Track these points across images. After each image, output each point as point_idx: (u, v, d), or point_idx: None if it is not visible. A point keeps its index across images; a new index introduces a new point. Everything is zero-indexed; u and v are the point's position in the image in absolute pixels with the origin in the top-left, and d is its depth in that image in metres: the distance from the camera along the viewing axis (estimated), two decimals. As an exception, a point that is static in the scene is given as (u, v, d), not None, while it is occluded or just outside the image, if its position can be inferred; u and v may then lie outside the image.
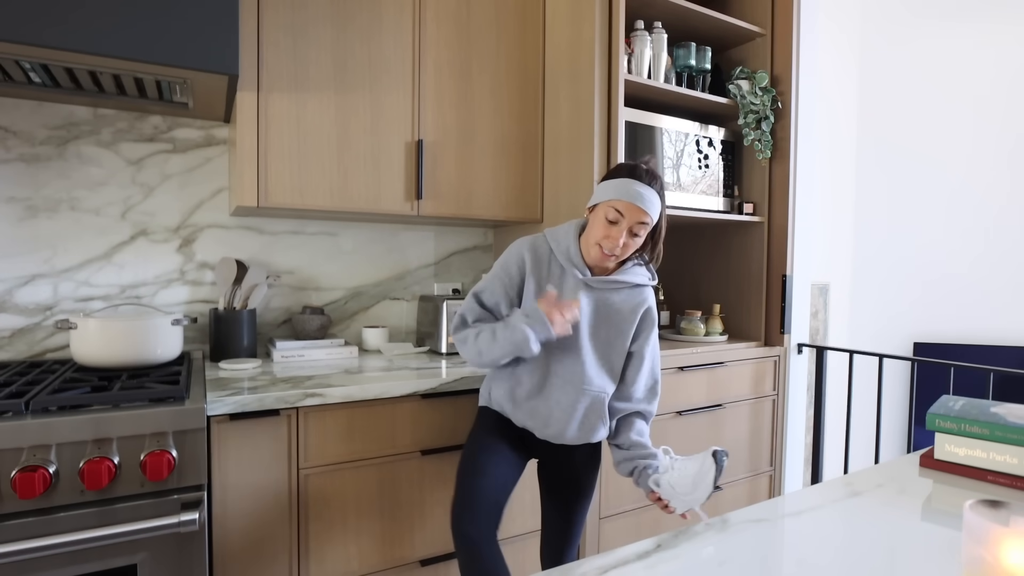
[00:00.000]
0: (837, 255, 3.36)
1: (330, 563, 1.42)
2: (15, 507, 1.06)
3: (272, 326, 1.94)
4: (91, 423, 1.11)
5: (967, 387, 3.19)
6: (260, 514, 1.34)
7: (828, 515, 0.82)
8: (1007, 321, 3.26)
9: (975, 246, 3.30)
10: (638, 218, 1.25)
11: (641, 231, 1.27)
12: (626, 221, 1.25)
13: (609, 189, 1.27)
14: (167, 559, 1.17)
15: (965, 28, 3.29)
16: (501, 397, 1.38)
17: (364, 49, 1.70)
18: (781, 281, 2.14)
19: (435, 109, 1.81)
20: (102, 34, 1.23)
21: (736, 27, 2.10)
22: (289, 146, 1.61)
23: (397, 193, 1.76)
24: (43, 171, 1.63)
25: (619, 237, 1.25)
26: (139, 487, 1.15)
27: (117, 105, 1.66)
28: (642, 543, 0.73)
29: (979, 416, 0.96)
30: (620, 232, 1.25)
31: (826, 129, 3.24)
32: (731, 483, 2.10)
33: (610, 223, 1.26)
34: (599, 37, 1.78)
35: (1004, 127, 3.25)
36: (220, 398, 1.27)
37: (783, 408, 2.22)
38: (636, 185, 1.25)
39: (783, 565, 0.68)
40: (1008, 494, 0.89)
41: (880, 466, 1.02)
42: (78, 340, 1.41)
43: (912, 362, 2.12)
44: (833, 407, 3.14)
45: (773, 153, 2.16)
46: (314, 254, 1.99)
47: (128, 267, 1.73)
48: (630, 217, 1.25)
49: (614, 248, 1.26)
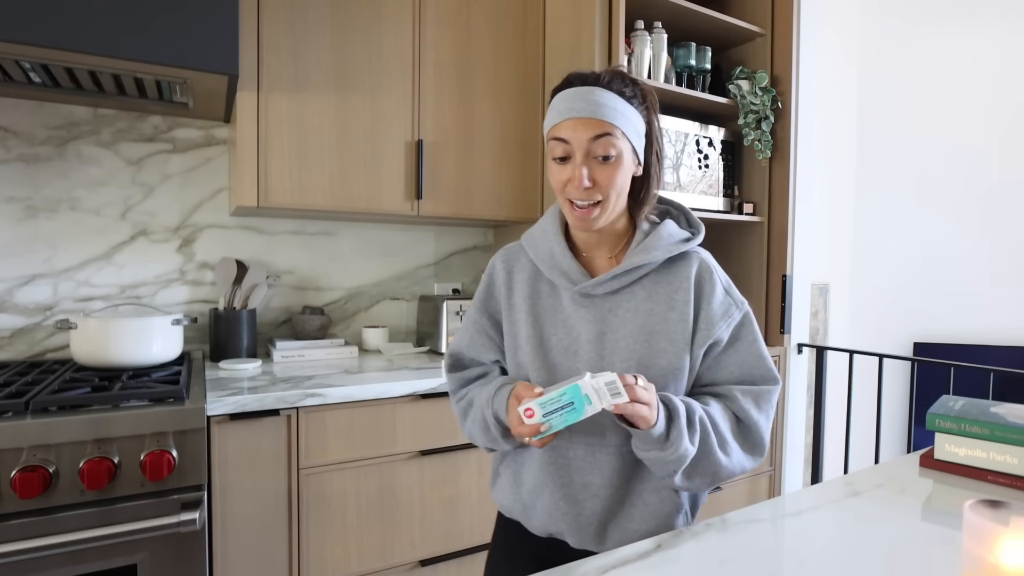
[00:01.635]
0: (837, 255, 3.36)
1: (330, 563, 1.42)
2: (15, 507, 1.06)
3: (272, 326, 1.94)
4: (91, 423, 1.11)
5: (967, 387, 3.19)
6: (260, 514, 1.34)
7: (828, 515, 0.82)
8: (1007, 321, 3.26)
9: (975, 246, 3.30)
10: (591, 132, 0.81)
11: (610, 151, 0.82)
12: (577, 147, 0.82)
13: (546, 123, 0.88)
14: (167, 559, 1.17)
15: (967, 28, 3.29)
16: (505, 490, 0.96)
17: (364, 49, 1.69)
18: (781, 281, 2.14)
19: (435, 109, 1.81)
20: (102, 34, 1.23)
21: (736, 27, 2.10)
22: (289, 146, 1.61)
23: (397, 193, 1.76)
24: (43, 171, 1.62)
25: (579, 174, 0.82)
26: (139, 487, 1.15)
27: (117, 105, 1.66)
28: (642, 543, 0.73)
29: (979, 416, 0.96)
30: (577, 167, 0.82)
31: (826, 129, 3.23)
32: (731, 483, 2.10)
33: (560, 163, 0.85)
34: (599, 37, 1.78)
35: (1005, 127, 3.25)
36: (220, 398, 1.27)
37: (783, 408, 2.22)
38: (569, 94, 0.84)
39: (783, 565, 0.68)
40: (1008, 494, 0.89)
41: (880, 466, 1.02)
42: (78, 340, 1.41)
43: (912, 362, 2.12)
44: (833, 407, 3.14)
45: (773, 153, 2.16)
46: (314, 254, 1.99)
47: (128, 267, 1.73)
48: (578, 137, 0.82)
49: (584, 195, 0.83)
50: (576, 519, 0.87)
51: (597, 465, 0.86)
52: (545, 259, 0.91)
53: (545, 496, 0.89)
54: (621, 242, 0.92)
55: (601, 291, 0.87)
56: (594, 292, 0.87)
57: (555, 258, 0.90)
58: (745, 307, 0.90)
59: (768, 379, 0.89)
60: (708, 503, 2.03)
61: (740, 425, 0.86)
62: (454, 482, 1.57)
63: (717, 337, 0.87)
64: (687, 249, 0.89)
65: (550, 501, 0.88)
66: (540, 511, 0.90)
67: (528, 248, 0.95)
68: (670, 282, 0.88)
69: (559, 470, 0.88)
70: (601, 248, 0.92)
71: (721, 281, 0.89)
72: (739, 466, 0.85)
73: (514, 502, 0.93)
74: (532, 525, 0.92)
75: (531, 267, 0.94)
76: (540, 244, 0.93)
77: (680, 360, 0.85)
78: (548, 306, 0.91)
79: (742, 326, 0.89)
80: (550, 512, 0.88)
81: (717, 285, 0.88)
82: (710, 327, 0.86)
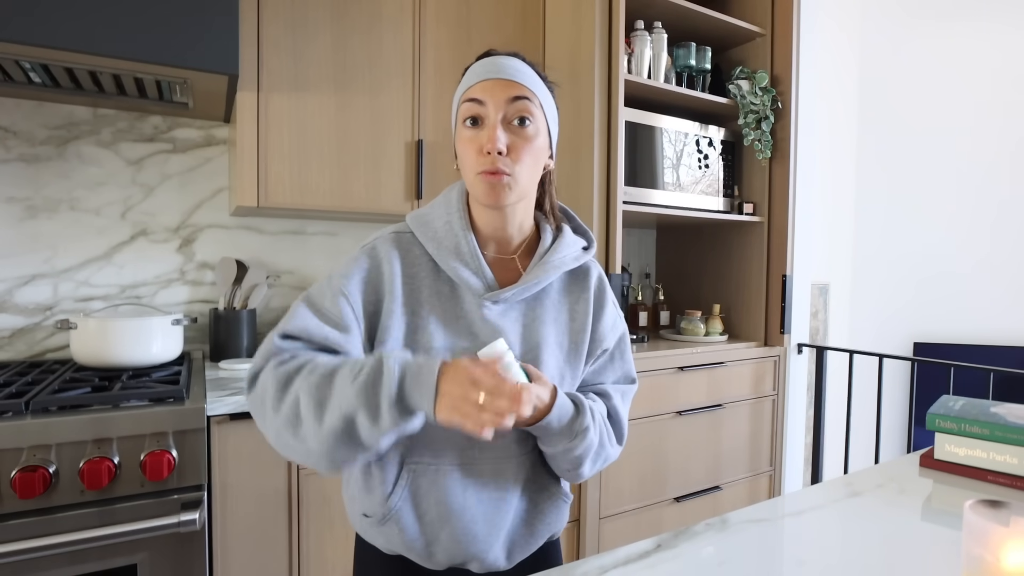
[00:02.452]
0: (837, 255, 3.36)
1: (330, 563, 1.42)
2: (15, 507, 1.06)
3: (272, 326, 1.93)
4: (91, 423, 1.11)
5: (967, 387, 3.19)
6: (260, 514, 1.34)
7: (828, 515, 0.82)
8: (1007, 321, 3.26)
9: (975, 246, 3.30)
10: (508, 93, 0.76)
11: (527, 113, 0.77)
12: (493, 108, 0.76)
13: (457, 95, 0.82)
14: (167, 559, 1.17)
15: (966, 27, 3.29)
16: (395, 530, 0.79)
17: (364, 49, 1.69)
18: (781, 281, 2.14)
19: (435, 109, 1.81)
20: (102, 34, 1.23)
21: (736, 27, 2.10)
22: (289, 146, 1.61)
23: (397, 193, 1.76)
24: (43, 171, 1.62)
25: (494, 135, 0.75)
26: (139, 487, 1.15)
27: (117, 105, 1.66)
28: (642, 543, 0.73)
29: (979, 416, 0.96)
30: (492, 127, 0.76)
31: (826, 129, 3.23)
32: (731, 483, 2.10)
33: (473, 125, 0.78)
34: (599, 37, 1.78)
35: (1005, 127, 3.25)
36: (220, 398, 1.27)
37: (783, 408, 2.22)
38: (485, 61, 0.80)
39: (783, 565, 0.68)
40: (1008, 494, 0.89)
41: (880, 466, 1.02)
42: (78, 340, 1.41)
43: (912, 362, 2.12)
44: (833, 407, 3.14)
45: (773, 153, 2.16)
46: (314, 254, 1.99)
47: (128, 267, 1.73)
48: (495, 99, 0.76)
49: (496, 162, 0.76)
50: (487, 539, 0.80)
51: (505, 477, 0.81)
52: (449, 255, 0.81)
53: (453, 523, 0.78)
54: (523, 243, 0.87)
55: (511, 299, 0.81)
56: (505, 300, 0.81)
57: (462, 256, 0.81)
58: (624, 322, 0.94)
59: (632, 379, 0.94)
60: (708, 503, 2.04)
61: (611, 419, 0.89)
62: None
63: (605, 347, 0.89)
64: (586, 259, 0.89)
65: (460, 527, 0.78)
66: (446, 542, 0.79)
67: (426, 241, 0.82)
68: (571, 292, 0.87)
69: (467, 492, 0.79)
70: (502, 244, 0.85)
71: (611, 296, 0.91)
72: (615, 454, 0.88)
73: (413, 539, 0.79)
74: (434, 560, 0.80)
75: (430, 263, 0.82)
76: (443, 237, 0.82)
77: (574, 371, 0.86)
78: (450, 309, 0.80)
79: (623, 338, 0.93)
80: (459, 541, 0.78)
81: (609, 300, 0.90)
82: (601, 340, 0.88)
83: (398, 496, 0.79)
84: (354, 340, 0.78)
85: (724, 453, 2.06)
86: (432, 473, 0.78)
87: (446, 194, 0.86)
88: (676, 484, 1.95)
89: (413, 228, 0.83)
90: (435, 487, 0.78)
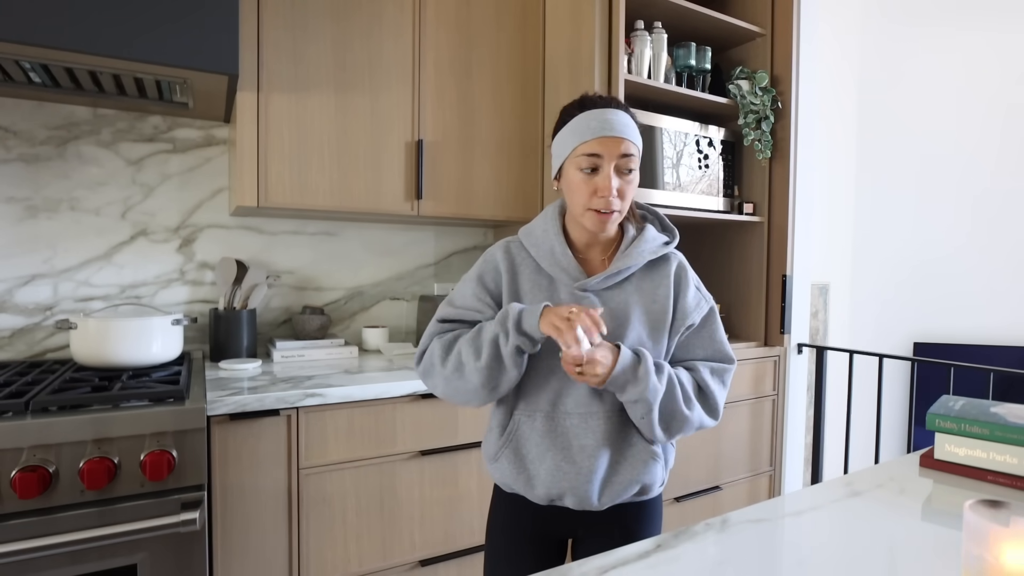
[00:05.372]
0: (837, 255, 3.36)
1: (329, 563, 1.42)
2: (15, 507, 1.06)
3: (272, 326, 1.94)
4: (91, 423, 1.11)
5: (967, 387, 3.19)
6: (260, 514, 1.34)
7: (828, 515, 0.82)
8: (1007, 321, 3.26)
9: (975, 246, 3.30)
10: (620, 150, 0.96)
11: (632, 164, 0.98)
12: (607, 161, 0.96)
13: (568, 138, 0.99)
14: (167, 559, 1.17)
15: (964, 30, 3.29)
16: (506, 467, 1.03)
17: (364, 49, 1.69)
18: (781, 281, 2.14)
19: (435, 109, 1.81)
20: (102, 34, 1.23)
21: (736, 27, 2.10)
22: (289, 146, 1.61)
23: (397, 193, 1.76)
24: (43, 171, 1.62)
25: (609, 184, 0.95)
26: (139, 487, 1.15)
27: (117, 105, 1.66)
28: (642, 543, 0.73)
29: (979, 416, 0.96)
30: (607, 178, 0.96)
31: (826, 129, 3.23)
32: (731, 483, 2.10)
33: (590, 174, 0.97)
34: (599, 37, 1.78)
35: (1005, 127, 3.25)
36: (220, 398, 1.27)
37: (783, 408, 2.22)
38: (596, 114, 0.97)
39: (783, 565, 0.68)
40: (1008, 494, 0.89)
41: (880, 466, 1.02)
42: (78, 340, 1.41)
43: (912, 362, 2.12)
44: (833, 407, 3.14)
45: (773, 153, 2.16)
46: (314, 254, 1.99)
47: (128, 267, 1.73)
48: (610, 153, 0.96)
49: (610, 203, 0.96)
50: (576, 477, 0.98)
51: (590, 429, 0.99)
52: (546, 256, 1.03)
53: (548, 461, 0.99)
54: (612, 244, 1.06)
55: (596, 287, 1.01)
56: (591, 288, 1.01)
57: (556, 256, 1.02)
58: (711, 302, 1.08)
59: (726, 360, 1.08)
60: (708, 503, 2.04)
61: (701, 390, 1.03)
62: (454, 482, 1.57)
63: (690, 323, 1.04)
64: (666, 252, 1.05)
65: (552, 464, 0.99)
66: (544, 476, 0.99)
67: (529, 246, 1.05)
68: (652, 279, 1.04)
69: (558, 438, 1.00)
70: (594, 249, 1.06)
71: (693, 280, 1.07)
72: (699, 421, 1.00)
73: (517, 475, 1.02)
74: (535, 493, 1.01)
75: (532, 262, 1.05)
76: (541, 242, 1.04)
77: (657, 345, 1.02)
78: (548, 297, 1.02)
79: (709, 316, 1.07)
80: (553, 475, 0.99)
81: (691, 283, 1.06)
82: (685, 317, 1.04)
83: (506, 438, 1.03)
84: (488, 316, 1.04)
85: (724, 453, 2.06)
86: (531, 421, 1.01)
87: (546, 210, 1.10)
88: (676, 484, 1.95)
89: (520, 237, 1.08)
90: (533, 432, 1.01)
